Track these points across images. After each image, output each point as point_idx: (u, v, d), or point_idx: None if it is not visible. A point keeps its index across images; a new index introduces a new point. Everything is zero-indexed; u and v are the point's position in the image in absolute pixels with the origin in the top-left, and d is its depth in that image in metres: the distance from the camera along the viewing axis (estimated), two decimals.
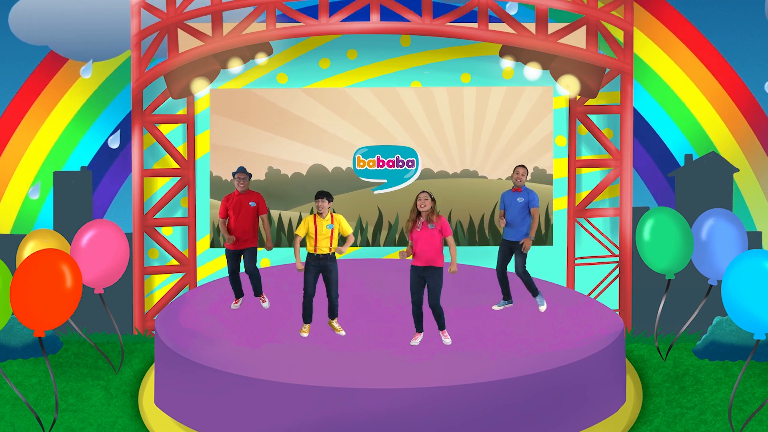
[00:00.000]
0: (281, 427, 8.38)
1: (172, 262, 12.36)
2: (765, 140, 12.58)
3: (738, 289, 8.78)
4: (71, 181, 12.42)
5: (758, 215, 12.66)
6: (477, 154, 12.26)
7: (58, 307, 8.82)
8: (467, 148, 12.27)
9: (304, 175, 12.24)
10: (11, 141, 12.53)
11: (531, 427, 8.54)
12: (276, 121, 12.20)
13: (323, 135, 12.23)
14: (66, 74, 12.42)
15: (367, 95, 12.23)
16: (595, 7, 11.52)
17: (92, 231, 10.32)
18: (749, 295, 8.69)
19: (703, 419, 9.29)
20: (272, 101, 12.21)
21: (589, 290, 12.29)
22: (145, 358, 10.64)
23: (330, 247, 9.34)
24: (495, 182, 12.23)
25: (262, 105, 12.20)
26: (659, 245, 10.49)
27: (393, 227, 12.30)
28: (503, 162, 12.21)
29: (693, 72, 12.55)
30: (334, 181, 12.15)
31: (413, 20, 11.34)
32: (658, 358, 10.56)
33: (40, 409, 9.46)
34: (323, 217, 9.35)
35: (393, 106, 12.23)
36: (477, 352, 8.96)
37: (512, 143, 12.24)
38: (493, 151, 12.26)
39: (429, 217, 9.07)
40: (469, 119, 12.25)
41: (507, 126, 12.24)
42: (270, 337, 9.35)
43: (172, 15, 11.61)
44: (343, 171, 12.25)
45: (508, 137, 12.24)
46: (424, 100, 12.24)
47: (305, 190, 12.06)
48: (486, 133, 12.25)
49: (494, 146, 12.25)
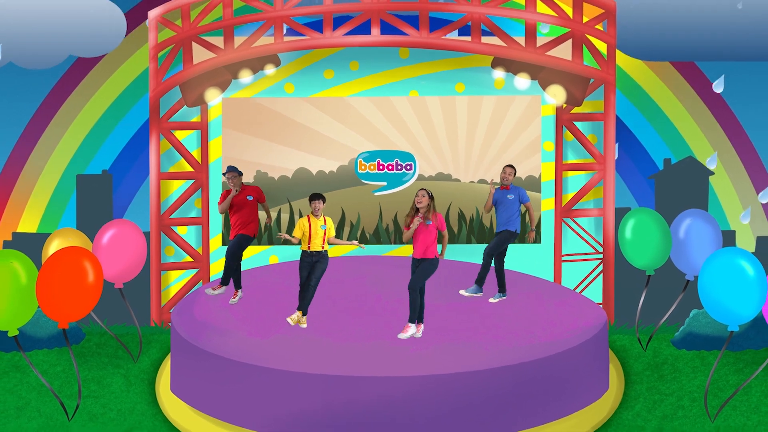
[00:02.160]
0: (288, 412, 8.36)
1: (187, 258, 12.34)
2: (738, 145, 12.58)
3: (713, 284, 8.78)
4: (93, 184, 12.47)
5: (732, 215, 12.69)
6: (470, 158, 12.24)
7: (81, 301, 8.83)
8: (461, 153, 12.25)
9: (314, 174, 12.23)
10: (37, 146, 12.53)
11: (521, 412, 8.52)
12: (283, 127, 12.17)
13: (326, 140, 12.19)
14: (89, 84, 12.45)
15: (368, 104, 12.20)
16: (581, 22, 11.50)
17: (112, 230, 10.31)
18: (724, 289, 8.70)
19: (680, 405, 9.27)
20: (280, 109, 12.18)
21: (574, 285, 12.25)
22: (162, 348, 10.63)
23: (322, 245, 9.30)
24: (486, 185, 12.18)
25: (270, 112, 12.16)
26: (640, 243, 10.47)
27: (393, 226, 12.26)
28: (495, 166, 12.17)
29: (671, 82, 12.55)
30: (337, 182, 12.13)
31: (411, 34, 11.31)
32: (639, 348, 10.55)
33: (64, 395, 9.45)
34: (318, 217, 9.32)
35: (392, 113, 12.21)
36: (470, 342, 8.92)
37: (503, 148, 12.22)
38: (486, 156, 12.24)
39: (426, 213, 9.00)
40: (463, 126, 12.24)
41: (498, 132, 12.22)
42: (278, 329, 9.31)
43: (186, 29, 11.62)
44: (346, 174, 12.20)
45: (499, 143, 12.23)
46: (421, 108, 12.21)
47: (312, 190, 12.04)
48: (479, 139, 12.24)
49: (486, 151, 12.24)
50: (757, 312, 8.70)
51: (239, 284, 10.23)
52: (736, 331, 8.97)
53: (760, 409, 9.13)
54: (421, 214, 9.00)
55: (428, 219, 8.99)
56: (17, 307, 8.64)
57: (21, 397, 9.45)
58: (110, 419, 9.08)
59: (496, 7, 11.32)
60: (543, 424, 8.63)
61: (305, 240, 9.32)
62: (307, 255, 9.37)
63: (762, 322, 10.03)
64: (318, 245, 9.32)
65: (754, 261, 8.68)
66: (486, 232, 12.22)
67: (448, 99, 12.19)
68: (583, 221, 12.42)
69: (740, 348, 10.32)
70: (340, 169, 12.23)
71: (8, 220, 12.62)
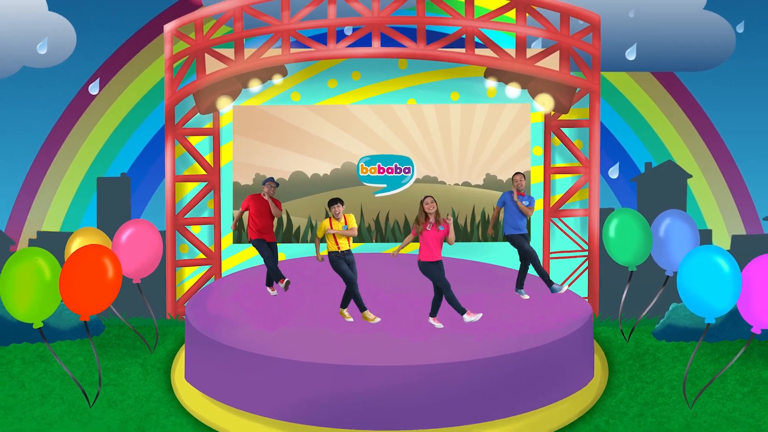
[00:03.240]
0: (294, 398, 8.38)
1: (200, 256, 12.36)
2: (714, 150, 12.59)
3: (691, 279, 8.79)
4: (113, 186, 12.44)
5: (709, 215, 12.66)
6: (464, 162, 12.26)
7: (101, 295, 8.83)
8: (455, 157, 12.26)
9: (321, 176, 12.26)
10: (60, 151, 12.53)
11: (513, 398, 8.55)
12: (290, 133, 12.20)
13: (330, 146, 12.23)
14: (108, 93, 12.42)
15: (369, 111, 12.22)
16: (567, 35, 11.53)
17: (131, 229, 10.31)
18: (701, 284, 8.70)
19: (660, 392, 9.30)
20: (286, 116, 12.20)
21: (562, 280, 12.29)
22: (177, 339, 10.64)
23: (348, 243, 9.35)
24: (479, 187, 12.24)
25: (277, 119, 12.20)
26: (623, 241, 10.47)
27: (393, 226, 12.30)
28: (487, 169, 12.22)
29: (652, 90, 12.55)
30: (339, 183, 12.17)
31: (409, 46, 11.35)
32: (622, 340, 10.56)
33: (85, 383, 9.48)
34: (338, 220, 9.35)
35: (391, 120, 12.23)
36: (466, 334, 8.94)
37: (495, 153, 12.23)
38: (479, 160, 12.26)
39: (437, 218, 9.04)
40: (457, 132, 12.24)
41: (491, 138, 12.24)
42: (285, 322, 9.34)
43: (200, 42, 11.62)
44: (347, 176, 12.26)
45: (491, 147, 12.24)
46: (418, 115, 12.23)
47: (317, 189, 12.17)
48: (472, 144, 12.24)
49: (479, 155, 12.25)
50: (732, 305, 8.69)
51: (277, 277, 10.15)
52: (712, 323, 8.98)
53: (734, 396, 9.16)
54: (433, 220, 9.04)
55: (440, 224, 9.03)
56: (42, 301, 8.66)
57: (45, 385, 9.48)
58: (128, 405, 9.11)
59: (488, 21, 11.35)
60: (533, 410, 8.64)
61: (332, 242, 9.36)
62: (338, 255, 9.35)
63: (737, 315, 10.02)
64: (345, 244, 9.36)
65: (729, 258, 8.67)
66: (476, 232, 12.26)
67: (443, 107, 12.21)
68: (569, 221, 12.46)
69: (716, 339, 10.33)
70: (341, 172, 12.25)
71: (33, 219, 12.62)
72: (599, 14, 11.58)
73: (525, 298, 10.18)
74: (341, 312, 9.52)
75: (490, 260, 11.85)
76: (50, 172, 12.62)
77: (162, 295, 12.01)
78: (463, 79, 12.24)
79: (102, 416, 8.92)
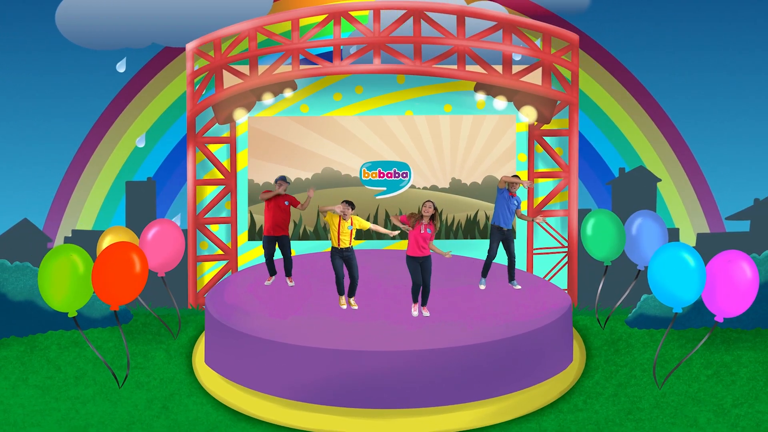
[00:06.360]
0: (304, 380, 8.38)
1: (218, 252, 12.31)
2: (682, 156, 12.58)
3: (661, 273, 8.78)
4: (140, 189, 12.43)
5: (676, 215, 12.67)
6: (455, 167, 12.22)
7: (130, 287, 8.82)
8: (447, 163, 12.22)
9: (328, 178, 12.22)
10: (93, 157, 12.53)
11: (498, 380, 8.54)
12: (299, 141, 12.16)
13: (335, 152, 12.18)
14: (136, 105, 12.42)
15: (370, 121, 12.18)
16: (549, 53, 11.50)
17: (156, 227, 10.27)
18: (669, 277, 8.70)
19: (633, 375, 9.29)
20: (296, 126, 12.17)
21: (544, 274, 12.25)
22: (198, 327, 10.61)
23: (349, 242, 9.29)
24: (470, 188, 12.20)
25: (288, 128, 12.17)
26: (599, 238, 10.44)
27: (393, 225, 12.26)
28: (475, 173, 12.18)
29: (625, 102, 12.56)
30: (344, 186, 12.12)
31: (407, 63, 11.31)
32: (598, 327, 10.53)
33: (115, 366, 9.47)
34: (346, 220, 9.28)
35: (391, 130, 12.17)
36: (456, 322, 8.94)
37: (483, 159, 12.18)
38: (468, 166, 12.22)
39: (429, 221, 8.99)
40: (447, 140, 12.20)
41: (480, 146, 12.19)
42: (295, 311, 9.32)
43: (218, 59, 11.59)
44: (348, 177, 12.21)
45: (480, 154, 12.19)
46: (415, 125, 12.18)
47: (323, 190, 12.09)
48: (463, 152, 12.21)
49: (469, 162, 12.21)
50: (697, 296, 8.70)
51: (274, 271, 10.21)
52: (679, 312, 8.99)
53: (699, 378, 9.15)
54: (425, 222, 8.99)
55: (429, 228, 8.94)
56: (76, 293, 8.66)
57: (79, 368, 9.48)
58: (154, 386, 9.11)
59: (478, 41, 11.32)
60: (519, 390, 8.65)
61: (334, 237, 9.28)
62: (337, 251, 9.29)
63: (701, 305, 9.99)
64: (346, 242, 9.27)
65: (695, 254, 8.68)
66: (471, 231, 12.22)
67: (437, 118, 12.15)
68: (551, 220, 12.39)
69: (683, 327, 10.29)
70: (344, 174, 12.19)
71: (68, 219, 12.62)
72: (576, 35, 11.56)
73: (517, 288, 10.11)
74: (348, 301, 9.46)
75: (476, 255, 11.78)
76: (83, 177, 12.61)
77: (184, 287, 11.97)
78: (455, 92, 12.18)
79: (130, 396, 8.93)
